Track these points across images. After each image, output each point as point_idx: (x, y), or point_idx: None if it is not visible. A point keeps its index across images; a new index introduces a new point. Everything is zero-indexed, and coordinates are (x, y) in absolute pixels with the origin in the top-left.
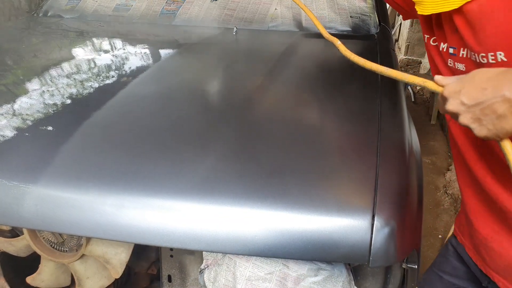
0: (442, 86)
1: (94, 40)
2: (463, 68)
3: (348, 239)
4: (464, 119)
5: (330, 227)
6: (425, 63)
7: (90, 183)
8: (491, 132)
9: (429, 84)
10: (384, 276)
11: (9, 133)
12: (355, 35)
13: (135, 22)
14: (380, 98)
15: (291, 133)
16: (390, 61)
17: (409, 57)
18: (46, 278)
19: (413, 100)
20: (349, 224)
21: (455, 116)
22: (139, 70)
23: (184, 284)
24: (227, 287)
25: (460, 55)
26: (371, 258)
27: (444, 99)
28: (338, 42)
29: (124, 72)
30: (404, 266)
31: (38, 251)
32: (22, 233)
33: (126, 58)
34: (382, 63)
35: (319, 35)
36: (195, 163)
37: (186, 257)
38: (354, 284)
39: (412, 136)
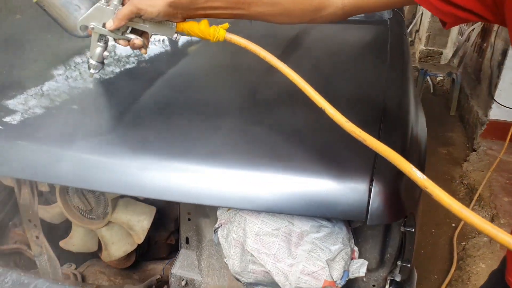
0: None
1: None
2: None
3: (348, 198)
4: None
5: (331, 187)
6: (446, 53)
7: (118, 148)
8: None
9: None
10: (384, 239)
11: (51, 106)
12: (367, 21)
13: None
14: (387, 74)
15: (299, 104)
16: (401, 47)
17: (430, 48)
18: (77, 243)
19: (432, 91)
20: (349, 185)
21: None
22: (167, 51)
23: (200, 245)
24: (238, 242)
25: None
26: (368, 217)
27: None
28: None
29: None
30: (402, 229)
31: (69, 217)
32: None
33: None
34: (392, 49)
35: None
36: (212, 132)
37: (202, 220)
38: (354, 242)
39: (418, 115)
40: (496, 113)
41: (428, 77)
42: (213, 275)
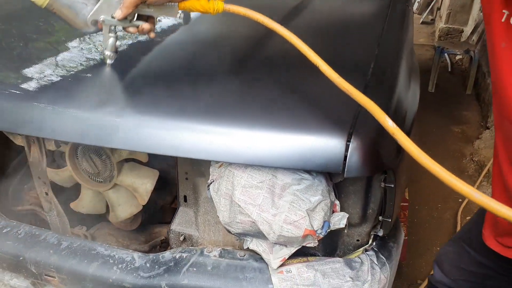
0: None
1: None
2: None
3: (326, 152)
4: None
5: (311, 142)
6: (467, 31)
7: (115, 107)
8: None
9: None
10: (365, 194)
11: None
12: None
13: None
14: (380, 43)
15: (284, 66)
16: (401, 18)
17: (450, 26)
18: (86, 205)
19: (449, 70)
20: (327, 140)
21: None
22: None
23: (197, 202)
24: (227, 195)
25: None
26: (346, 170)
27: None
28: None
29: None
30: (382, 185)
31: (79, 180)
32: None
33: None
34: (390, 19)
35: None
36: (203, 93)
37: (199, 179)
38: (335, 196)
39: (410, 85)
40: None
41: (446, 55)
42: (209, 231)
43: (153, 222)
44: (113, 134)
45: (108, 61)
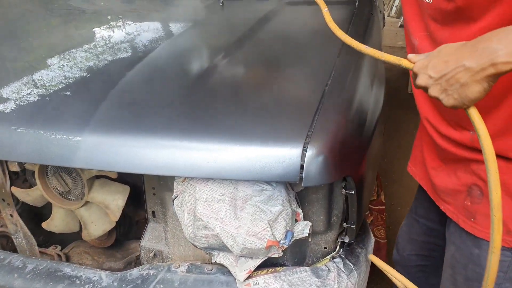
0: (413, 63)
1: (97, 16)
2: (429, 0)
3: (284, 162)
4: (433, 91)
5: (269, 153)
6: None
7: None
8: (457, 100)
9: (403, 62)
10: (328, 202)
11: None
12: (338, 1)
13: None
14: (341, 50)
15: (241, 79)
16: (365, 25)
17: None
18: (58, 223)
19: None
20: (284, 151)
21: (425, 89)
22: (138, 40)
23: (165, 217)
24: (190, 209)
25: None
26: (303, 178)
27: (415, 75)
28: (325, 10)
29: (127, 43)
30: (343, 192)
31: (49, 199)
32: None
33: (125, 29)
34: (354, 27)
35: (302, 2)
36: (162, 108)
37: (166, 194)
38: (297, 205)
39: (373, 89)
40: None
41: None
42: (178, 246)
43: (130, 238)
44: (74, 153)
45: None
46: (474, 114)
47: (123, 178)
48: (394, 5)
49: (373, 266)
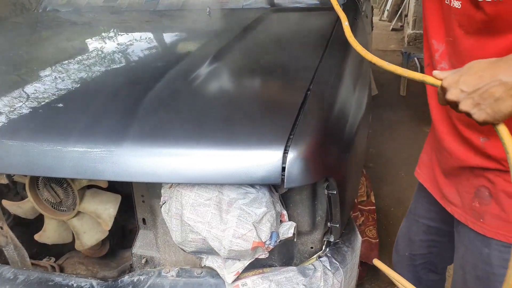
0: (440, 79)
1: (88, 28)
2: (458, 6)
3: (265, 165)
4: (464, 106)
5: (251, 157)
6: None
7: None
8: (490, 115)
9: (428, 78)
10: (312, 203)
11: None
12: (320, 7)
13: (123, 10)
14: (324, 54)
15: (223, 85)
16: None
17: (417, 31)
18: (51, 235)
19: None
20: (266, 153)
21: (455, 104)
22: (127, 50)
23: (155, 224)
24: (177, 215)
25: None
26: (285, 180)
27: (444, 90)
28: (345, 23)
29: (113, 53)
30: (325, 192)
31: (41, 211)
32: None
33: (115, 41)
34: (336, 32)
35: (288, 9)
36: (145, 115)
37: (155, 200)
38: (281, 206)
39: (355, 93)
40: None
41: (416, 60)
42: (169, 251)
43: (124, 247)
44: (63, 163)
45: None
46: (503, 131)
47: (114, 187)
48: (386, 9)
49: (368, 266)
